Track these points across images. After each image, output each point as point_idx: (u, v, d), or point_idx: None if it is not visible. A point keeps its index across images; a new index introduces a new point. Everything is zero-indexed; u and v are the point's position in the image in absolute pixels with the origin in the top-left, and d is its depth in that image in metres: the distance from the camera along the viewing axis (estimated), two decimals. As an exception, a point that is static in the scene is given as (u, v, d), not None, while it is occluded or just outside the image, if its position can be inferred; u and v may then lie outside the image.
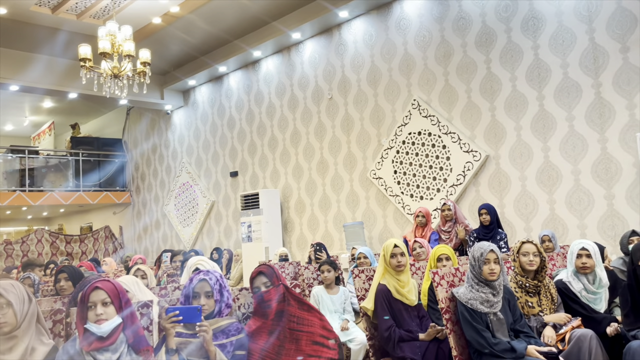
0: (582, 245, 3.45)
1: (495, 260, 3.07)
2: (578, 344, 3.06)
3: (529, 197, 6.32)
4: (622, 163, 5.55)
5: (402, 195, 7.66)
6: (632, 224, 5.38)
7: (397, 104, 7.78)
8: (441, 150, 7.18)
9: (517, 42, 6.42)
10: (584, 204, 5.85)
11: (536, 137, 6.26)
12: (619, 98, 5.58)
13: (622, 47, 5.56)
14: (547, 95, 6.16)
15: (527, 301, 3.38)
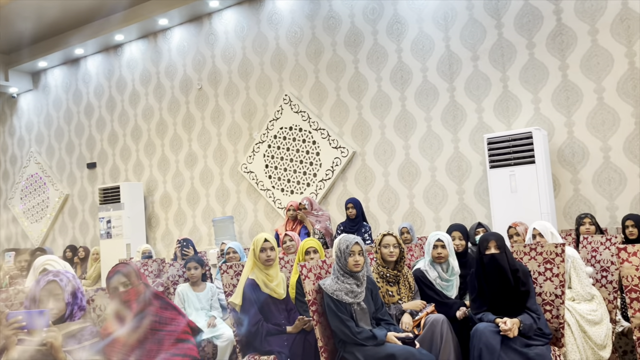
0: (438, 237, 3.70)
1: (360, 252, 3.16)
2: (431, 328, 3.27)
3: (391, 191, 6.68)
4: (472, 161, 6.10)
5: (273, 189, 7.67)
6: (479, 216, 5.94)
7: (269, 98, 7.76)
8: (311, 146, 7.30)
9: (383, 44, 6.75)
10: (439, 198, 6.33)
11: (398, 136, 6.63)
12: (470, 102, 6.12)
13: (473, 55, 6.10)
14: (408, 96, 6.56)
15: (387, 290, 3.53)
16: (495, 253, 3.27)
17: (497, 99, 5.95)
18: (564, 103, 5.55)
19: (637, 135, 5.15)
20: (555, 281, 3.34)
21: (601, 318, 3.50)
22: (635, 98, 5.17)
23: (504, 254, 3.27)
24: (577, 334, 3.39)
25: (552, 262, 3.38)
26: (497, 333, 3.08)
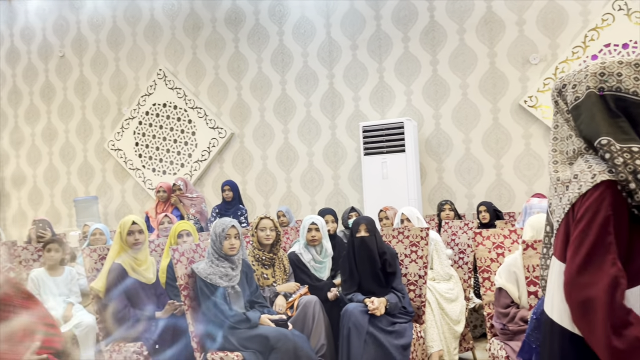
0: (312, 220, 3.76)
1: (236, 235, 3.12)
2: (304, 310, 3.33)
3: (269, 175, 6.66)
4: (347, 148, 6.27)
5: (143, 169, 7.25)
6: (352, 201, 6.15)
7: (142, 71, 7.29)
8: (187, 125, 7.01)
9: (265, 25, 6.65)
10: (315, 182, 6.44)
11: (278, 119, 6.61)
12: (348, 90, 6.27)
13: (352, 44, 6.25)
14: (289, 80, 6.55)
15: (262, 273, 3.52)
16: (365, 236, 3.41)
17: (373, 89, 6.17)
18: (433, 96, 5.91)
19: (494, 130, 5.66)
20: (419, 263, 3.56)
21: (457, 296, 3.81)
22: (494, 95, 5.67)
23: (373, 237, 3.41)
24: (436, 311, 3.65)
25: (417, 245, 3.59)
26: (365, 313, 3.20)
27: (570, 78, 1.43)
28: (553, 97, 1.48)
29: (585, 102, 1.36)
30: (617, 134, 1.29)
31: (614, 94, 1.33)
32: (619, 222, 1.24)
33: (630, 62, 1.33)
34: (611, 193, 1.25)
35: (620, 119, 1.30)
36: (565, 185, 1.37)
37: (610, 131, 1.30)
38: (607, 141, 1.29)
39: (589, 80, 1.36)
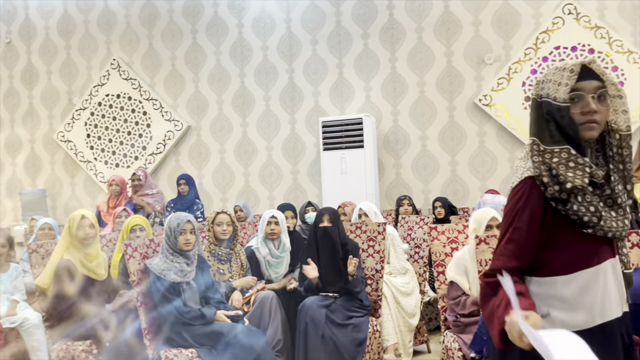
0: (272, 214, 3.73)
1: (192, 230, 3.06)
2: (261, 305, 3.30)
3: (227, 169, 6.57)
4: (307, 143, 6.26)
5: (95, 161, 7.02)
6: (310, 196, 6.15)
7: (94, 61, 7.05)
8: (141, 117, 6.83)
9: (224, 17, 6.54)
10: (274, 177, 6.40)
11: (236, 113, 6.53)
12: (308, 85, 6.26)
13: (313, 39, 6.24)
14: (248, 73, 6.48)
15: (219, 269, 3.47)
16: (327, 226, 3.42)
17: (332, 84, 6.17)
18: (391, 93, 5.97)
19: (449, 127, 5.77)
20: (376, 257, 3.59)
21: (412, 290, 3.87)
22: (450, 93, 5.78)
23: (336, 227, 3.43)
24: (392, 305, 3.70)
25: (374, 239, 3.62)
26: (322, 307, 3.21)
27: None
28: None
29: (531, 108, 1.46)
30: (544, 137, 1.39)
31: (545, 100, 1.41)
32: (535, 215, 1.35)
33: (560, 66, 1.40)
34: (530, 188, 1.36)
35: (551, 123, 1.38)
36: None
37: (539, 134, 1.40)
38: (532, 141, 1.41)
39: (535, 88, 1.46)
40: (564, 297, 1.34)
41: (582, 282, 1.34)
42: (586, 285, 1.34)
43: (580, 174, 1.33)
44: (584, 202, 1.32)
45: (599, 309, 1.34)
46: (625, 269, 1.41)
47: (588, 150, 1.38)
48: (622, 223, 1.36)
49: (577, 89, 1.36)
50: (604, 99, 1.36)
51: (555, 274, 1.36)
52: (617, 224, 1.35)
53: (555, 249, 1.36)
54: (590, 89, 1.36)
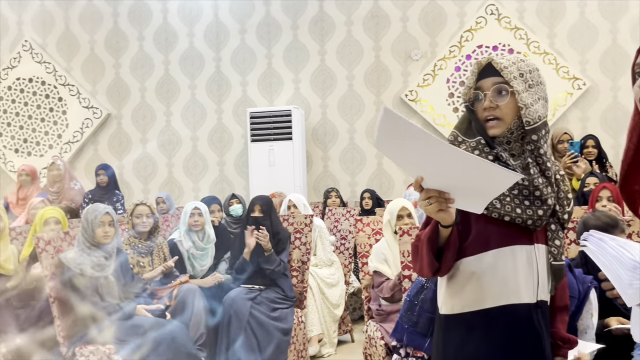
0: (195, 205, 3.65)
1: (110, 222, 2.95)
2: (183, 298, 3.22)
3: (149, 159, 6.33)
4: (234, 134, 6.15)
5: (4, 149, 6.53)
6: (237, 188, 6.04)
7: (4, 42, 6.54)
8: (56, 103, 6.43)
9: (147, 1, 6.27)
10: (199, 168, 6.23)
11: (160, 101, 6.29)
12: (235, 75, 6.13)
13: (241, 28, 6.12)
14: (172, 60, 6.26)
15: (139, 262, 3.36)
16: (259, 217, 3.38)
17: (261, 75, 6.09)
18: (320, 86, 5.98)
19: (375, 122, 5.86)
20: (302, 249, 3.59)
21: (338, 281, 3.93)
22: (378, 88, 5.87)
23: (268, 217, 3.41)
24: (317, 296, 3.74)
25: (301, 231, 3.62)
26: (247, 300, 3.18)
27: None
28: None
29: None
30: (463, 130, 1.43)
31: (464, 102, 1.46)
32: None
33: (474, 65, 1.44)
34: None
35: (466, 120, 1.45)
36: None
37: (459, 125, 1.44)
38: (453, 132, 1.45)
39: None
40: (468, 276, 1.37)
41: (483, 263, 1.36)
42: (488, 266, 1.36)
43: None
44: None
45: (504, 291, 1.35)
46: (554, 261, 1.41)
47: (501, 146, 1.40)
48: (531, 212, 1.36)
49: (477, 88, 1.39)
50: (505, 94, 1.36)
51: (463, 255, 1.38)
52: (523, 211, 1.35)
53: (463, 231, 1.38)
54: (487, 86, 1.37)
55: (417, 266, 1.42)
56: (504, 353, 1.35)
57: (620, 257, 1.09)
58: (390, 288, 2.95)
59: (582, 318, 2.24)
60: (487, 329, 1.36)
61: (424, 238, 1.35)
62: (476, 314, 1.37)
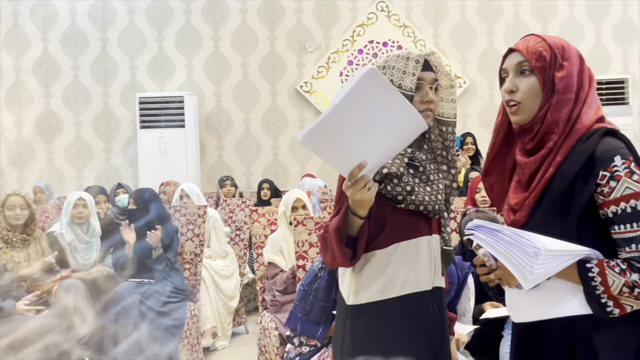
0: (79, 196, 3.42)
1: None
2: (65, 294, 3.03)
3: (26, 145, 5.82)
4: (122, 119, 5.83)
5: None
6: (125, 177, 5.74)
7: None
8: None
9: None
10: (83, 155, 5.84)
11: (39, 82, 5.82)
12: (123, 57, 5.83)
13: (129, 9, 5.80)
14: (52, 38, 5.82)
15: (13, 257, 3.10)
16: (132, 209, 3.27)
17: (151, 59, 5.82)
18: (214, 73, 5.85)
19: (272, 111, 5.87)
20: (195, 241, 3.51)
21: (232, 272, 3.90)
22: (273, 77, 5.88)
23: (144, 210, 3.27)
24: (210, 288, 3.68)
25: (194, 222, 3.53)
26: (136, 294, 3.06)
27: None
28: None
29: None
30: None
31: None
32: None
33: (403, 55, 1.47)
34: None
35: None
36: None
37: None
38: None
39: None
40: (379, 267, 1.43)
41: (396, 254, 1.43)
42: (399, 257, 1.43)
43: (397, 163, 1.43)
44: (400, 183, 1.42)
45: (407, 281, 1.43)
46: (445, 246, 1.52)
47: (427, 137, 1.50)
48: (435, 198, 1.46)
49: (420, 78, 1.45)
50: (437, 90, 1.48)
51: (375, 247, 1.44)
52: (429, 198, 1.45)
53: (375, 224, 1.43)
54: (429, 80, 1.46)
55: (327, 257, 1.43)
56: (405, 340, 1.43)
57: (520, 245, 1.16)
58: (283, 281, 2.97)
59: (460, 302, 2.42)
60: (391, 317, 1.43)
61: (332, 229, 1.37)
62: (382, 304, 1.43)
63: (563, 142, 1.23)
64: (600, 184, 1.17)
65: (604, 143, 1.19)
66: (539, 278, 1.16)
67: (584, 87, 1.25)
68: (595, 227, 1.20)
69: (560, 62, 1.25)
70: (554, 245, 1.14)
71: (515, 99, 1.28)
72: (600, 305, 1.15)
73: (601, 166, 1.17)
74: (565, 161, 1.22)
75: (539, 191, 1.25)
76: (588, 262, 1.17)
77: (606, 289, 1.14)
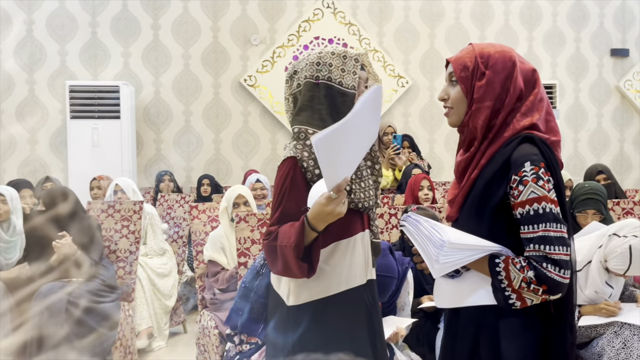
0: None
1: None
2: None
3: (-62, 134, 5.33)
4: (49, 108, 5.43)
5: None
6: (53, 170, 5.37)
7: None
8: None
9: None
10: (5, 147, 5.39)
11: (-46, 65, 5.33)
12: (51, 41, 5.43)
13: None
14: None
15: None
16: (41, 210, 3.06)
17: (84, 45, 5.49)
18: (153, 62, 5.60)
19: (214, 105, 5.69)
20: (131, 238, 3.33)
21: (170, 270, 3.74)
22: (216, 70, 5.69)
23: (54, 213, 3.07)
24: (146, 287, 3.52)
25: (129, 219, 3.35)
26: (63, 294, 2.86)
27: (297, 65, 1.55)
28: (286, 82, 1.60)
29: (303, 91, 1.50)
30: (314, 119, 1.47)
31: (326, 83, 1.48)
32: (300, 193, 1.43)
33: (340, 53, 1.50)
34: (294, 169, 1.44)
35: (324, 107, 1.48)
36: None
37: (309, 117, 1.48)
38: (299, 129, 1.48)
39: (307, 69, 1.50)
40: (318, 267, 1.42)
41: (335, 253, 1.46)
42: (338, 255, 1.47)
43: None
44: None
45: (345, 277, 1.47)
46: (374, 239, 1.58)
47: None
48: (368, 194, 1.52)
49: (358, 77, 1.51)
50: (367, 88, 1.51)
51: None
52: (364, 195, 1.51)
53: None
54: (364, 78, 1.53)
55: (279, 268, 1.42)
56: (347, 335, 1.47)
57: (431, 237, 1.28)
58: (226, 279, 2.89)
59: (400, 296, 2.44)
60: (332, 314, 1.46)
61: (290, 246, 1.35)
62: (323, 302, 1.46)
63: (488, 146, 1.33)
64: (512, 187, 1.26)
65: (519, 149, 1.28)
66: (445, 268, 1.27)
67: (509, 94, 1.32)
68: (508, 226, 1.29)
69: (482, 71, 1.32)
70: (460, 239, 1.26)
71: (448, 105, 1.39)
72: (504, 297, 1.25)
73: (514, 171, 1.26)
74: (487, 164, 1.32)
75: (465, 190, 1.35)
76: (498, 257, 1.27)
77: (509, 282, 1.24)
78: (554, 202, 1.24)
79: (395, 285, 2.32)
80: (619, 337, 2.17)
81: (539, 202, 1.23)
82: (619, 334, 2.18)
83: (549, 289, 1.22)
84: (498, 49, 1.35)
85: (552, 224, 1.23)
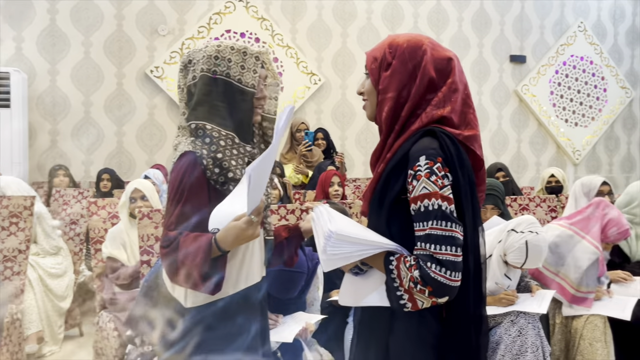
0: None
1: None
2: None
3: None
4: None
5: None
6: None
7: None
8: None
9: None
10: None
11: None
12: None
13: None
14: None
15: None
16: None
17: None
18: (49, 49, 5.21)
19: (117, 96, 5.40)
20: (20, 236, 3.09)
21: (65, 270, 3.54)
22: (120, 59, 5.40)
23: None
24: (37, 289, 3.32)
25: (19, 216, 3.11)
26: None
27: (193, 55, 1.48)
28: (180, 70, 1.52)
29: (199, 84, 1.43)
30: (214, 117, 1.42)
31: (224, 79, 1.43)
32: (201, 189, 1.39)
33: (240, 49, 1.45)
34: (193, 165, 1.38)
35: (222, 104, 1.43)
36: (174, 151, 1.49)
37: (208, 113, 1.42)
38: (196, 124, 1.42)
39: (204, 62, 1.43)
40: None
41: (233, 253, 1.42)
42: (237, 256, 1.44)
43: (240, 164, 1.43)
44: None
45: (244, 276, 1.46)
46: (267, 236, 1.58)
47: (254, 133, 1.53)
48: (266, 192, 1.51)
49: (259, 76, 1.48)
50: (265, 87, 1.51)
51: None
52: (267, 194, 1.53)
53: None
54: (263, 76, 1.49)
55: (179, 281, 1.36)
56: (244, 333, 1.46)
57: (323, 227, 1.23)
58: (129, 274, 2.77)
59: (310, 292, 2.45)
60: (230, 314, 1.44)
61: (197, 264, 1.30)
62: (221, 302, 1.43)
63: (395, 139, 1.27)
64: (408, 182, 1.21)
65: (419, 143, 1.22)
66: (334, 260, 1.20)
67: (416, 84, 1.25)
68: (406, 222, 1.22)
69: (389, 62, 1.27)
70: (350, 231, 1.19)
71: (364, 98, 1.35)
72: (396, 297, 1.18)
73: (410, 165, 1.20)
74: (391, 158, 1.26)
75: (373, 184, 1.30)
76: (393, 255, 1.21)
77: (401, 282, 1.17)
78: (446, 199, 1.16)
79: (304, 280, 2.33)
80: (515, 325, 2.33)
81: (429, 199, 1.16)
82: (515, 323, 2.34)
83: (434, 290, 1.14)
84: (410, 38, 1.29)
85: (440, 222, 1.15)
